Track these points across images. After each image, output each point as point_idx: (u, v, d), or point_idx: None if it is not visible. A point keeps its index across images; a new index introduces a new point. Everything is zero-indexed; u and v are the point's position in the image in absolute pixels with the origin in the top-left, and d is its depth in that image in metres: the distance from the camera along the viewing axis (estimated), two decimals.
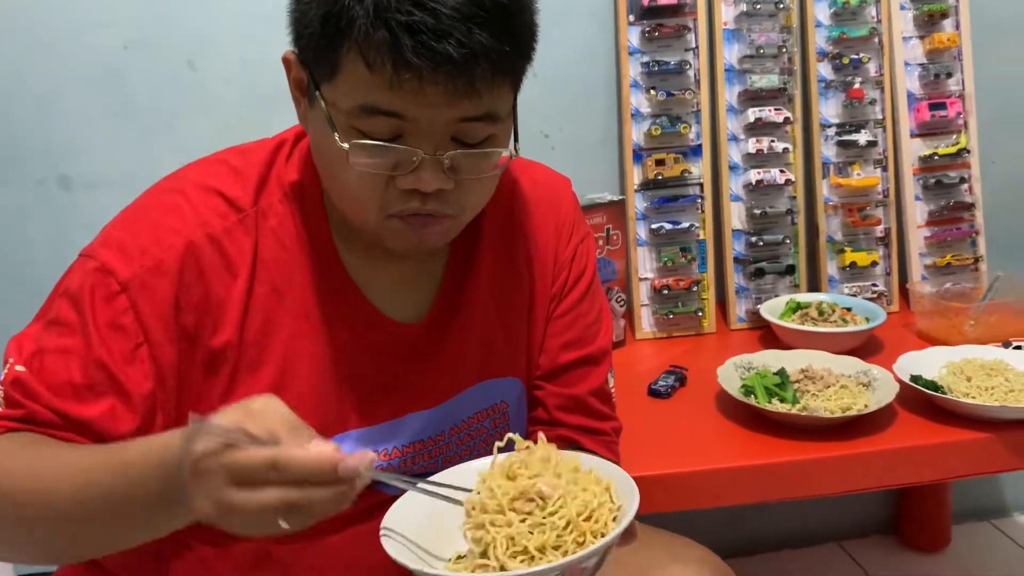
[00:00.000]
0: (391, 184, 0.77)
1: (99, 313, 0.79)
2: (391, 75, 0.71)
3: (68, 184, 1.55)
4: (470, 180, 0.79)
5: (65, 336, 0.79)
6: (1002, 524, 2.02)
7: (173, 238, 0.81)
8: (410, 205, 0.78)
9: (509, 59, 0.75)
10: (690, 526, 1.11)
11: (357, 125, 0.75)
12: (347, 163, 0.76)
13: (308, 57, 0.77)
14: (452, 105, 0.73)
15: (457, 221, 0.83)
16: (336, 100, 0.75)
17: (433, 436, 0.92)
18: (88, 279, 0.80)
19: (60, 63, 1.50)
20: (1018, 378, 1.28)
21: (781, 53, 1.66)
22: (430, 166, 0.76)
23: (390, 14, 0.70)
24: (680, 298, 1.65)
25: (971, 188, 1.75)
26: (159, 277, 0.80)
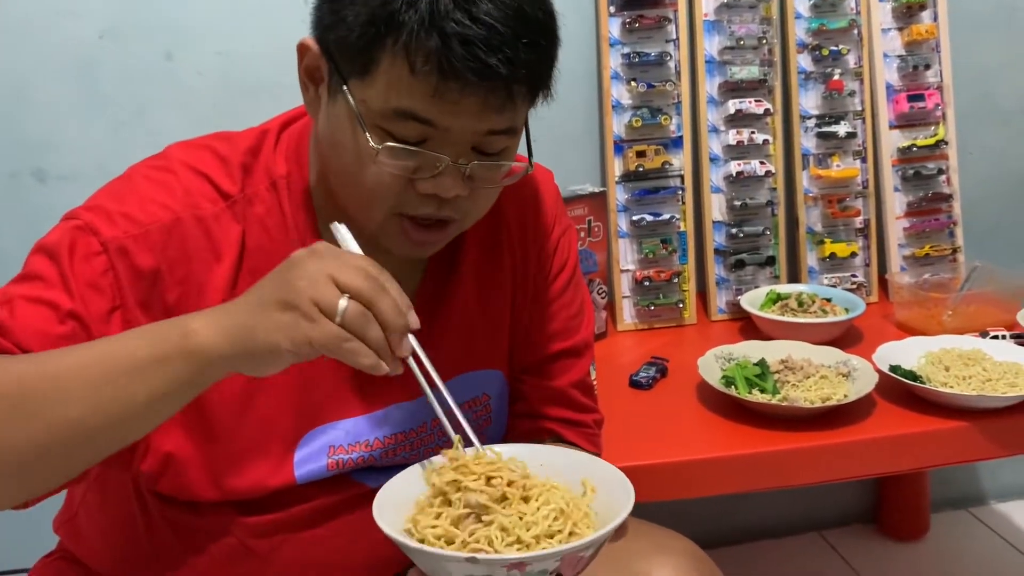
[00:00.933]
0: (409, 186, 0.78)
1: (78, 270, 0.76)
2: (437, 82, 0.72)
3: (43, 177, 1.53)
4: (482, 189, 0.81)
5: (42, 288, 0.76)
6: (980, 512, 2.04)
7: (161, 212, 0.80)
8: (425, 210, 0.80)
9: (545, 77, 0.78)
10: (671, 517, 1.11)
11: (386, 126, 0.75)
12: (372, 162, 0.76)
13: (337, 51, 0.76)
14: (484, 117, 0.75)
15: (457, 228, 0.84)
16: (368, 98, 0.75)
17: (415, 428, 0.91)
18: (68, 236, 0.78)
19: (33, 54, 1.48)
20: (995, 368, 1.29)
21: (761, 44, 1.66)
22: (451, 173, 0.77)
23: (445, 23, 0.70)
24: (661, 289, 1.66)
25: (949, 179, 1.76)
26: (142, 245, 0.78)
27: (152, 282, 0.79)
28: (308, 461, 0.86)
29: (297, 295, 0.66)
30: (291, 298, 0.66)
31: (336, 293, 0.66)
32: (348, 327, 0.66)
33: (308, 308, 0.66)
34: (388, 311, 0.68)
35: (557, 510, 0.70)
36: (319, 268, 0.67)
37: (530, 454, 0.80)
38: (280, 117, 0.91)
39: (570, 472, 0.78)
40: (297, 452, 0.85)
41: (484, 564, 0.65)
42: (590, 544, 0.67)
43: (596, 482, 0.77)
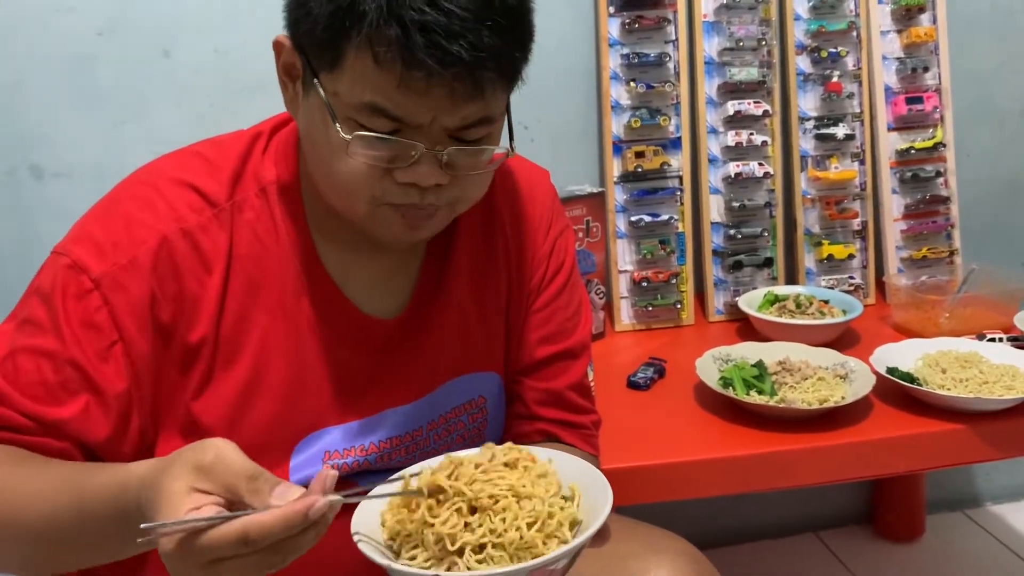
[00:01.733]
0: (387, 176, 0.77)
1: (71, 311, 0.77)
2: (401, 72, 0.70)
3: (39, 173, 1.52)
4: (465, 176, 0.79)
5: (37, 336, 0.78)
6: (975, 514, 2.05)
7: (146, 234, 0.80)
8: (407, 199, 0.78)
9: (515, 62, 0.76)
10: (668, 518, 1.11)
11: (358, 118, 0.74)
12: (345, 153, 0.75)
13: (307, 45, 0.76)
14: (455, 108, 0.74)
15: (450, 212, 0.83)
16: (338, 91, 0.74)
17: (411, 431, 0.91)
18: (60, 277, 0.78)
19: (31, 50, 1.48)
20: (992, 370, 1.30)
21: (760, 46, 1.66)
22: (428, 161, 0.76)
23: (403, 11, 0.69)
24: (659, 290, 1.65)
25: (947, 182, 1.76)
26: (133, 273, 0.78)
27: (149, 306, 0.79)
28: (304, 467, 0.86)
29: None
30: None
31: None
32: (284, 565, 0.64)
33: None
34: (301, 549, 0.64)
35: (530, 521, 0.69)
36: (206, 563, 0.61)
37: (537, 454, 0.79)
38: (273, 119, 0.90)
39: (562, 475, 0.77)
40: (293, 458, 0.85)
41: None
42: (558, 557, 0.67)
43: (580, 487, 0.75)
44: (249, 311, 0.83)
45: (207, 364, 0.81)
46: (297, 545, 0.62)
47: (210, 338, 0.81)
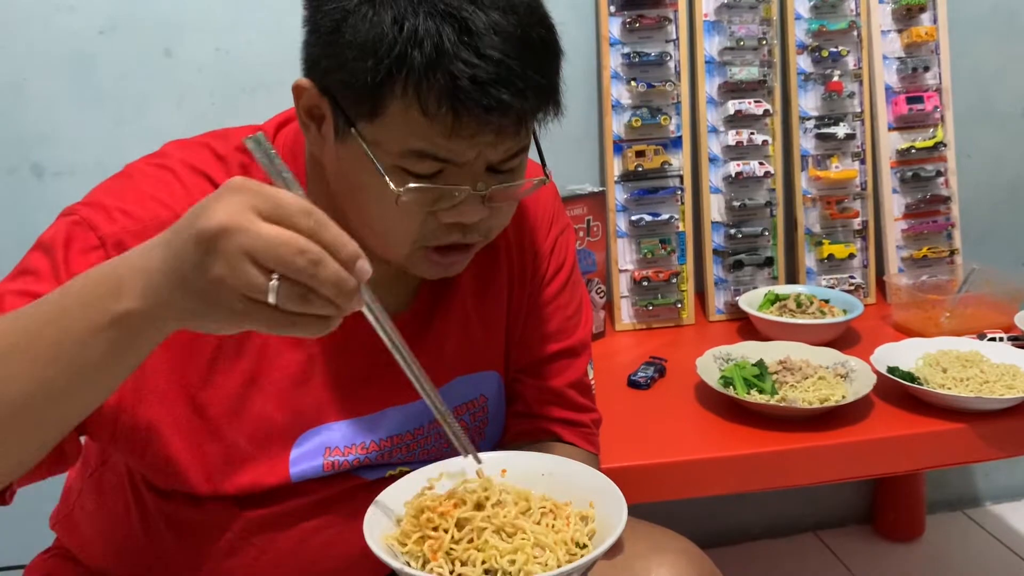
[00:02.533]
0: (430, 218, 0.78)
1: (73, 263, 0.75)
2: (451, 123, 0.71)
3: (40, 172, 1.52)
4: (502, 205, 0.81)
5: (34, 283, 0.74)
6: (975, 514, 2.05)
7: (160, 209, 0.79)
8: (450, 239, 0.79)
9: (554, 93, 0.78)
10: (670, 517, 1.11)
11: (402, 164, 0.74)
12: (394, 203, 0.75)
13: (342, 94, 0.74)
14: (499, 145, 0.75)
15: (483, 243, 0.84)
16: (380, 140, 0.74)
17: (412, 430, 0.91)
18: (64, 230, 0.77)
19: (32, 49, 1.48)
20: (993, 369, 1.30)
21: (761, 45, 1.66)
22: (472, 200, 0.77)
23: (452, 63, 0.69)
24: (660, 290, 1.66)
25: (947, 181, 1.76)
26: (141, 242, 0.77)
27: None
28: (303, 461, 0.86)
29: (218, 288, 0.57)
30: (212, 292, 0.57)
31: (262, 280, 0.56)
32: (286, 308, 0.58)
33: (233, 303, 0.57)
34: (330, 281, 0.57)
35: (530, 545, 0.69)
36: (235, 248, 0.56)
37: (535, 463, 0.80)
38: (276, 118, 0.90)
39: (573, 487, 0.77)
40: (293, 452, 0.85)
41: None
42: (571, 571, 0.66)
43: (595, 500, 0.76)
44: None
45: (211, 355, 0.81)
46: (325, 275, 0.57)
47: None
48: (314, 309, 0.58)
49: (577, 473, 0.78)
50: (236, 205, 0.56)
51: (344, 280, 0.58)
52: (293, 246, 0.56)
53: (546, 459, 0.82)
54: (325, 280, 0.57)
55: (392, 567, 0.68)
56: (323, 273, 0.57)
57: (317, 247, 0.57)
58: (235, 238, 0.56)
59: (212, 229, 0.56)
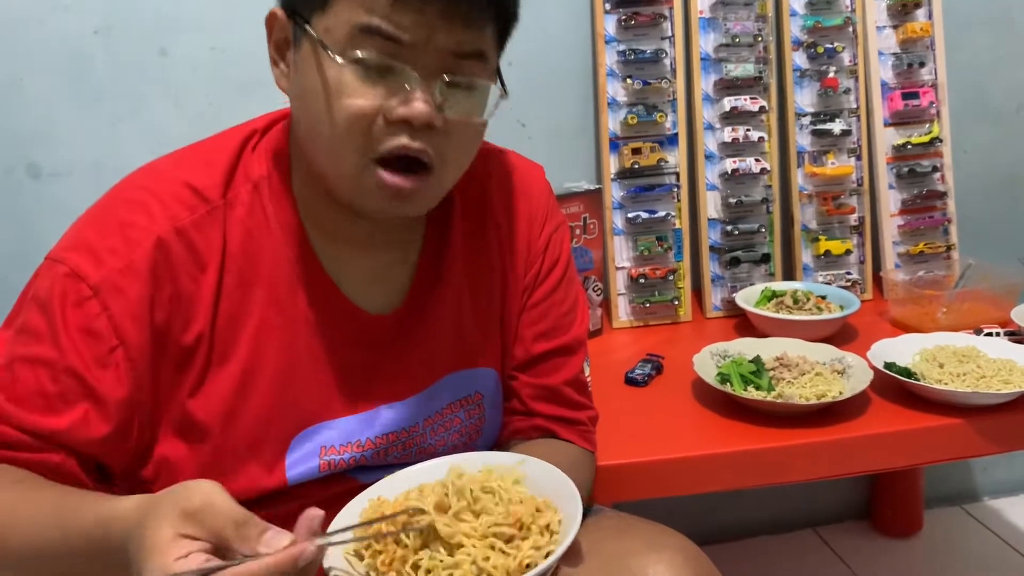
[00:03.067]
0: (379, 118, 0.76)
1: (70, 319, 0.77)
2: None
3: (37, 172, 1.52)
4: (457, 125, 0.79)
5: (34, 345, 0.77)
6: (973, 509, 2.05)
7: (141, 236, 0.79)
8: (398, 140, 0.76)
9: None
10: (667, 514, 1.11)
11: (352, 47, 0.75)
12: (339, 89, 0.75)
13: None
14: (448, 29, 0.74)
15: (435, 180, 0.81)
16: (330, 26, 0.75)
17: (407, 427, 0.91)
18: (58, 285, 0.78)
19: (28, 48, 1.47)
20: (989, 365, 1.30)
21: (756, 42, 1.66)
22: (422, 91, 0.75)
23: None
24: (656, 287, 1.66)
25: (943, 177, 1.76)
26: (130, 277, 0.78)
27: (148, 308, 0.79)
28: (300, 463, 0.86)
29: None
30: None
31: None
32: None
33: None
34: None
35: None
36: None
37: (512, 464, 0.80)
38: (267, 116, 0.90)
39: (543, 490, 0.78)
40: (289, 454, 0.85)
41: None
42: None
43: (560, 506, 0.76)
44: (243, 307, 0.83)
45: (203, 361, 0.81)
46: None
47: (205, 336, 0.81)
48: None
49: (546, 475, 0.78)
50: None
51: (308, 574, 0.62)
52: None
53: (520, 460, 0.82)
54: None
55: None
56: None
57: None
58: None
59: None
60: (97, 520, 0.68)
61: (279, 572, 0.61)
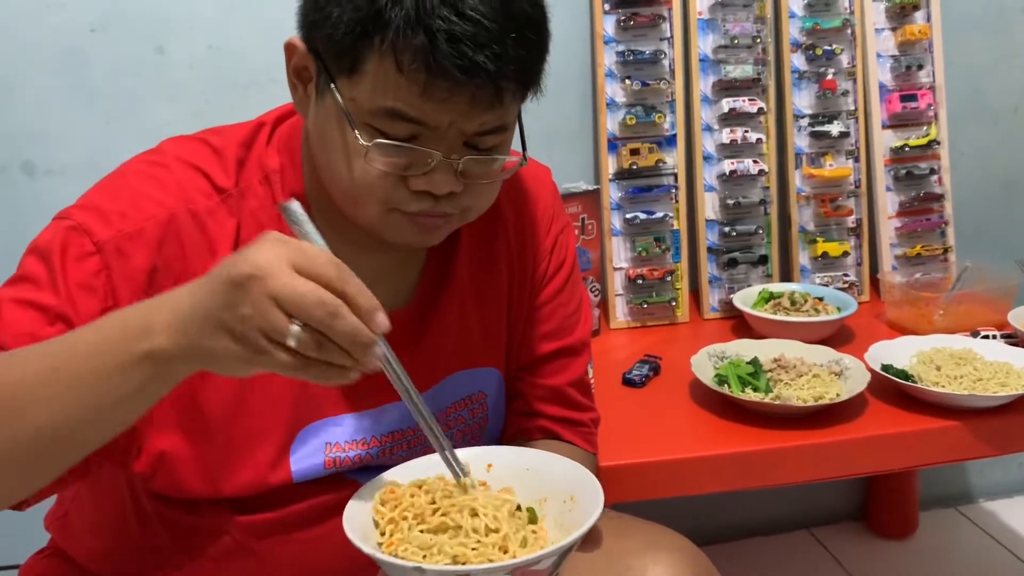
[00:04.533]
0: (400, 183, 0.77)
1: (70, 271, 0.76)
2: (424, 81, 0.71)
3: (32, 170, 1.52)
4: (478, 184, 0.80)
5: (32, 291, 0.76)
6: (968, 511, 2.05)
7: (156, 208, 0.79)
8: (421, 206, 0.78)
9: (536, 73, 0.77)
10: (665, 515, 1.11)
11: (375, 124, 0.74)
12: (361, 159, 0.75)
13: (324, 49, 0.75)
14: (474, 115, 0.74)
15: (461, 219, 0.83)
16: (356, 97, 0.74)
17: (412, 426, 0.91)
18: (61, 237, 0.77)
19: (23, 46, 1.47)
20: (986, 367, 1.30)
21: (755, 43, 1.67)
22: (443, 169, 0.76)
23: (430, 20, 0.69)
24: (654, 288, 1.66)
25: (941, 179, 1.77)
26: (138, 244, 0.77)
27: (149, 280, 0.78)
28: (305, 459, 0.85)
29: (243, 325, 0.61)
30: (238, 328, 0.62)
31: (284, 323, 0.61)
32: (304, 353, 0.62)
33: (256, 340, 0.61)
34: (345, 333, 0.62)
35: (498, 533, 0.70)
36: (263, 291, 0.60)
37: (519, 458, 0.81)
38: (276, 110, 0.90)
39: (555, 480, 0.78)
40: (293, 450, 0.85)
41: (431, 574, 0.66)
42: (540, 558, 0.67)
43: (575, 493, 0.77)
44: None
45: None
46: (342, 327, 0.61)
47: None
48: (330, 357, 0.63)
49: (558, 466, 0.79)
50: (271, 254, 0.62)
51: (359, 333, 0.62)
52: (314, 297, 0.61)
53: (529, 453, 0.83)
54: (340, 331, 0.62)
55: (366, 552, 0.68)
56: (339, 325, 0.62)
57: (337, 301, 0.62)
58: (264, 283, 0.61)
59: (246, 272, 0.61)
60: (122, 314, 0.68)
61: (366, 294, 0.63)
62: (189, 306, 0.64)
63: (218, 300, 0.62)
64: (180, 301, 0.64)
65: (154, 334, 0.64)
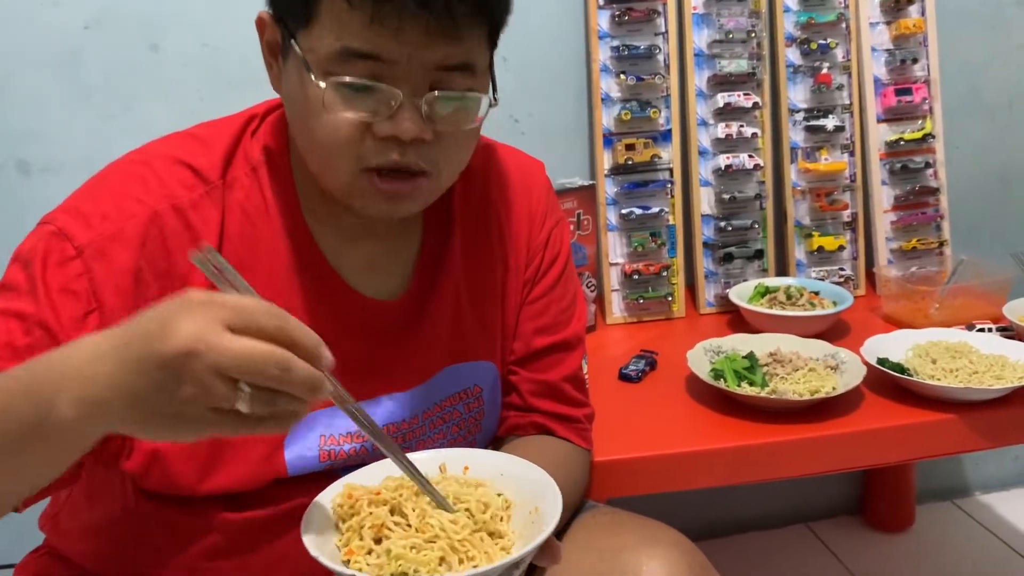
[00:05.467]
0: (368, 134, 0.76)
1: (51, 276, 0.76)
2: (372, 10, 0.70)
3: (26, 169, 1.51)
4: (448, 134, 0.78)
5: (11, 299, 0.76)
6: (964, 503, 2.06)
7: (136, 207, 0.79)
8: (388, 157, 0.76)
9: (490, 4, 0.75)
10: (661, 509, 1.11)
11: (334, 70, 0.74)
12: (324, 109, 0.74)
13: (282, 7, 0.76)
14: (431, 46, 0.73)
15: (431, 182, 0.80)
16: (313, 46, 0.74)
17: (407, 419, 0.91)
18: (43, 243, 0.77)
19: (17, 44, 1.46)
20: (982, 360, 1.30)
21: (750, 38, 1.66)
22: (408, 110, 0.74)
23: None
24: (650, 283, 1.66)
25: (936, 173, 1.77)
26: (119, 245, 0.77)
27: (134, 281, 0.78)
28: (299, 452, 0.85)
29: (185, 407, 0.57)
30: (179, 412, 0.57)
31: (231, 390, 0.56)
32: (257, 413, 0.58)
33: (201, 415, 0.58)
34: (300, 382, 0.58)
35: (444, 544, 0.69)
36: (205, 366, 0.55)
37: (495, 462, 0.81)
38: (267, 103, 0.90)
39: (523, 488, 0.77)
40: (288, 446, 0.85)
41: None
42: (491, 571, 0.65)
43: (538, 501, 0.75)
44: None
45: None
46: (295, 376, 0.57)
47: None
48: (283, 407, 0.59)
49: (531, 475, 0.78)
50: (202, 320, 0.56)
51: (312, 378, 0.58)
52: (261, 357, 0.56)
53: (504, 459, 0.82)
54: (294, 381, 0.58)
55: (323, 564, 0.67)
56: (292, 377, 0.57)
57: (284, 354, 0.57)
58: (204, 357, 0.55)
59: (180, 349, 0.55)
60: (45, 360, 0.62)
61: (309, 337, 0.59)
62: (106, 382, 0.58)
63: (148, 385, 0.56)
64: (96, 371, 0.58)
65: (59, 404, 0.59)
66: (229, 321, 0.56)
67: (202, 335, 0.55)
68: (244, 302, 0.58)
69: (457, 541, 0.69)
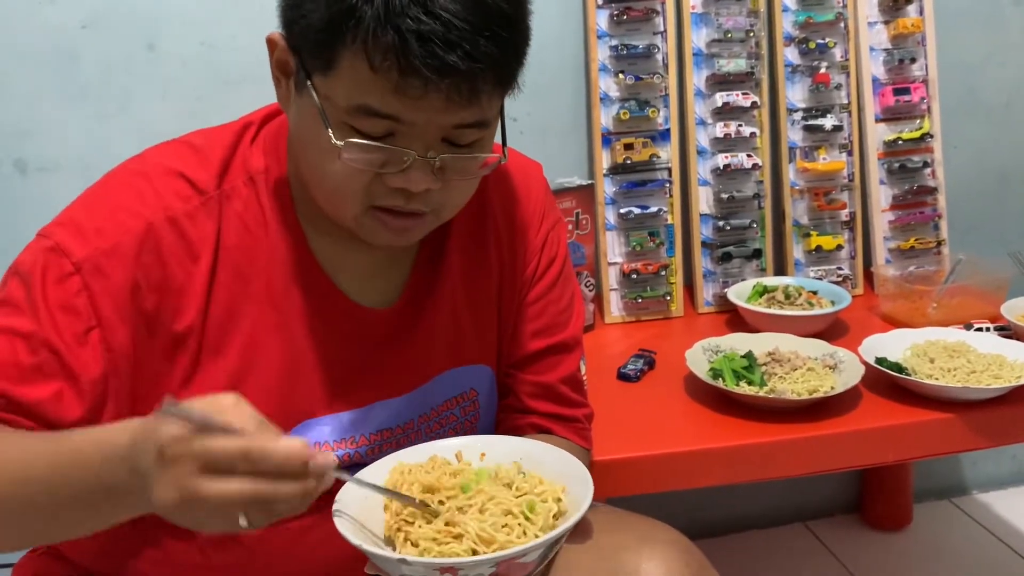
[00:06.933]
0: (377, 180, 0.77)
1: (50, 294, 0.76)
2: (396, 80, 0.70)
3: (24, 168, 1.51)
4: (455, 181, 0.79)
5: (13, 316, 0.77)
6: (962, 502, 2.06)
7: (132, 220, 0.79)
8: (395, 202, 0.78)
9: (511, 70, 0.76)
10: (659, 508, 1.11)
11: (351, 122, 0.74)
12: (337, 158, 0.75)
13: (301, 46, 0.75)
14: (450, 112, 0.73)
15: (436, 218, 0.83)
16: (331, 95, 0.74)
17: (402, 424, 0.91)
18: (41, 259, 0.77)
19: (14, 43, 1.46)
20: (980, 359, 1.30)
21: (748, 37, 1.66)
22: (420, 167, 0.76)
23: (400, 19, 0.68)
24: (648, 282, 1.66)
25: (934, 172, 1.77)
26: (115, 259, 0.78)
27: (131, 294, 0.78)
28: None
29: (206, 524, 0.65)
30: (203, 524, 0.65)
31: (232, 520, 0.63)
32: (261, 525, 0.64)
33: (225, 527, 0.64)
34: (286, 501, 0.63)
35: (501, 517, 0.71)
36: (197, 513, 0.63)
37: (512, 447, 0.82)
38: (263, 109, 0.90)
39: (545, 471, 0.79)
40: None
41: (416, 566, 0.66)
42: (526, 551, 0.67)
43: (567, 485, 0.77)
44: (238, 301, 0.82)
45: (194, 353, 0.81)
46: (284, 493, 0.62)
47: (197, 327, 0.81)
48: (286, 512, 0.64)
49: (550, 457, 0.79)
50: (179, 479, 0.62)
51: (301, 492, 0.63)
52: (239, 496, 0.61)
53: (522, 443, 0.83)
54: (284, 501, 0.63)
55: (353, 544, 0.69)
56: (281, 499, 0.63)
57: (264, 488, 0.62)
58: (195, 508, 0.62)
59: (169, 508, 0.63)
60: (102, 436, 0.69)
61: (290, 456, 0.62)
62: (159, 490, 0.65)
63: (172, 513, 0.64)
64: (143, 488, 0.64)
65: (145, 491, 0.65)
66: (203, 469, 0.62)
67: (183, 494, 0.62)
68: (214, 449, 0.62)
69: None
